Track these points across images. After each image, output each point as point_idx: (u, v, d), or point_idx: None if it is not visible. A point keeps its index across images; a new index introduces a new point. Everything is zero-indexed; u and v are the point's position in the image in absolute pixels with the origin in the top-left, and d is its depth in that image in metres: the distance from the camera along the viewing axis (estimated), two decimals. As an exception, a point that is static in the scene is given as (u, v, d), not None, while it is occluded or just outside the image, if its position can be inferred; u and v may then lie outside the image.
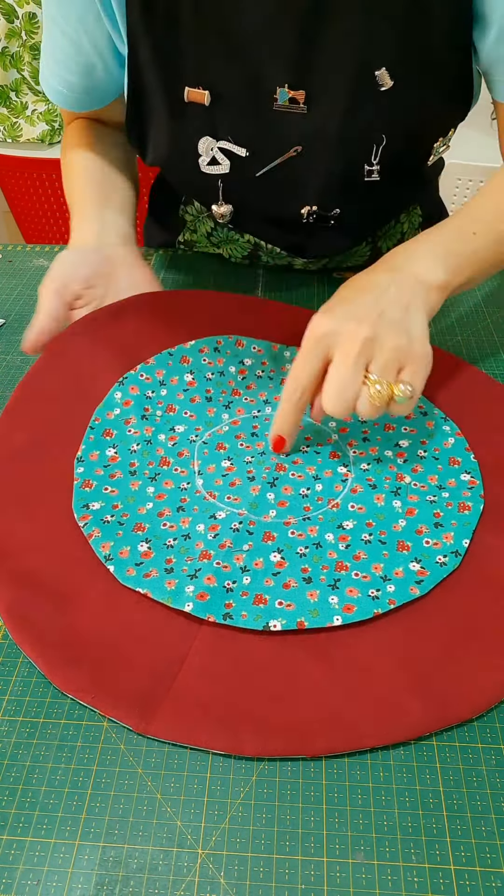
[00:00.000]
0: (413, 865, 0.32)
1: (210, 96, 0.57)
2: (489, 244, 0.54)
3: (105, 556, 0.44)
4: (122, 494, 0.48)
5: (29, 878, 0.32)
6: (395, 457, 0.51)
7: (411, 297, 0.48)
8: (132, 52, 0.57)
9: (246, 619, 0.40)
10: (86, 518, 0.46)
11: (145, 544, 0.45)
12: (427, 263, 0.51)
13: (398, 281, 0.49)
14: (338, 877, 0.32)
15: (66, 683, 0.38)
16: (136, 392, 0.54)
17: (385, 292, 0.48)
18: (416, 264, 0.50)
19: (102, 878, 0.32)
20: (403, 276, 0.49)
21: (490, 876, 0.32)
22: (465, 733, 0.37)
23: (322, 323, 0.47)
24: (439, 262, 0.51)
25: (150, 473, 0.50)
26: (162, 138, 0.62)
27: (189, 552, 0.44)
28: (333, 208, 0.65)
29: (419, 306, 0.48)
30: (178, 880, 0.32)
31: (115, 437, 0.52)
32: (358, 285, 0.50)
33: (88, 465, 0.49)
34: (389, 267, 0.51)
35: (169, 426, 0.53)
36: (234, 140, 0.60)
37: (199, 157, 0.61)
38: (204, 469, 0.50)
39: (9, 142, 1.63)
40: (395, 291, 0.48)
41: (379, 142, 0.59)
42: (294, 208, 0.65)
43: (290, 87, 0.56)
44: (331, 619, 0.40)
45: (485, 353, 0.63)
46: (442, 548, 0.44)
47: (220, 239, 0.74)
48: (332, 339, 0.46)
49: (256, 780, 0.35)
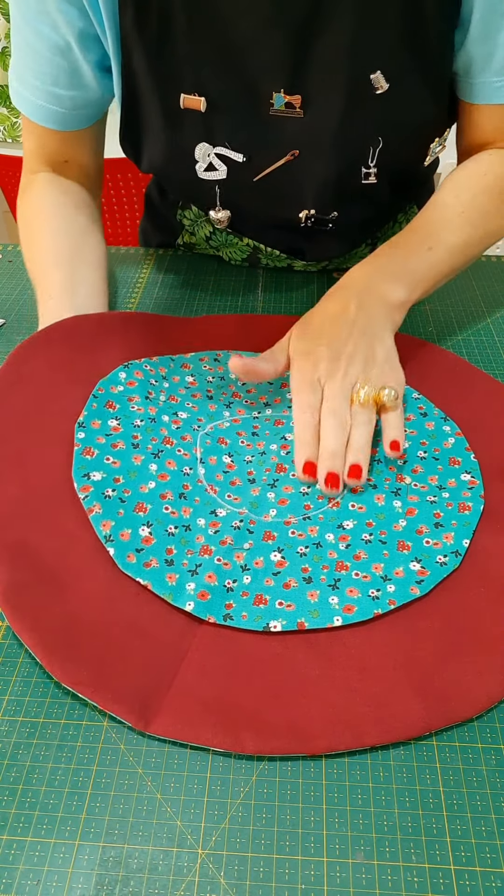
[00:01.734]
0: (413, 865, 0.32)
1: (206, 103, 0.57)
2: (444, 257, 0.58)
3: (105, 535, 0.43)
4: (125, 468, 0.48)
5: (29, 878, 0.32)
6: (396, 458, 0.51)
7: (378, 320, 0.53)
8: (126, 59, 0.57)
9: (246, 620, 0.40)
10: (87, 489, 0.45)
11: (146, 528, 0.44)
12: (388, 285, 0.55)
13: (365, 307, 0.53)
14: (338, 877, 0.32)
15: (66, 676, 0.38)
16: (141, 377, 0.54)
17: (355, 322, 0.53)
18: (379, 286, 0.55)
19: (102, 878, 0.32)
20: (369, 301, 0.54)
21: (490, 876, 0.32)
22: (465, 733, 0.37)
23: (307, 370, 0.51)
24: (399, 282, 0.55)
25: (154, 449, 0.49)
26: (157, 145, 0.61)
27: (189, 545, 0.44)
28: (331, 212, 0.65)
29: (386, 327, 0.53)
30: (178, 880, 0.32)
31: (118, 411, 0.51)
32: (329, 314, 0.54)
33: (90, 432, 0.49)
34: (355, 289, 0.55)
35: (172, 411, 0.53)
36: (231, 146, 0.60)
37: (196, 163, 0.61)
38: (206, 458, 0.50)
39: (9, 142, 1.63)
40: (364, 319, 0.53)
41: (375, 144, 0.59)
42: (292, 212, 0.65)
43: (286, 91, 0.56)
44: (331, 619, 0.40)
45: (485, 353, 0.63)
46: (442, 548, 0.44)
47: (220, 242, 0.74)
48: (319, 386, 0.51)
49: (256, 780, 0.35)
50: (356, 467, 0.47)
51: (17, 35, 0.57)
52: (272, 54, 0.54)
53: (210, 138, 0.59)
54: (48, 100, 0.60)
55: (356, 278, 0.56)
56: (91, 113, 0.63)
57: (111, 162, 1.08)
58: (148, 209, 0.87)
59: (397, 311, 0.55)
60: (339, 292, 0.55)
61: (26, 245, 0.63)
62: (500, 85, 0.56)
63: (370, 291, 0.54)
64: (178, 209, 0.75)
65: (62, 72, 0.58)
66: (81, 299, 0.59)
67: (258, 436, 0.53)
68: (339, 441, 0.48)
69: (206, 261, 0.77)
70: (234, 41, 0.54)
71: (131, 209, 1.39)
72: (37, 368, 0.52)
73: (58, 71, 0.58)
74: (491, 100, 0.57)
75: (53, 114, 0.61)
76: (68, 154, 0.66)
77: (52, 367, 0.53)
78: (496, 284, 0.72)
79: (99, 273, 0.63)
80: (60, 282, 0.59)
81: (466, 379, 0.58)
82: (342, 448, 0.48)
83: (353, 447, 0.48)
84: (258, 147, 0.60)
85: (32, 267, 0.62)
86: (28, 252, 0.63)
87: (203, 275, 0.75)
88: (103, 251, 0.65)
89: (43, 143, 0.65)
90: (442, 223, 0.59)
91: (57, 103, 0.60)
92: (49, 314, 0.57)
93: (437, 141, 0.62)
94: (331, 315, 0.54)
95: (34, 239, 0.63)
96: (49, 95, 0.59)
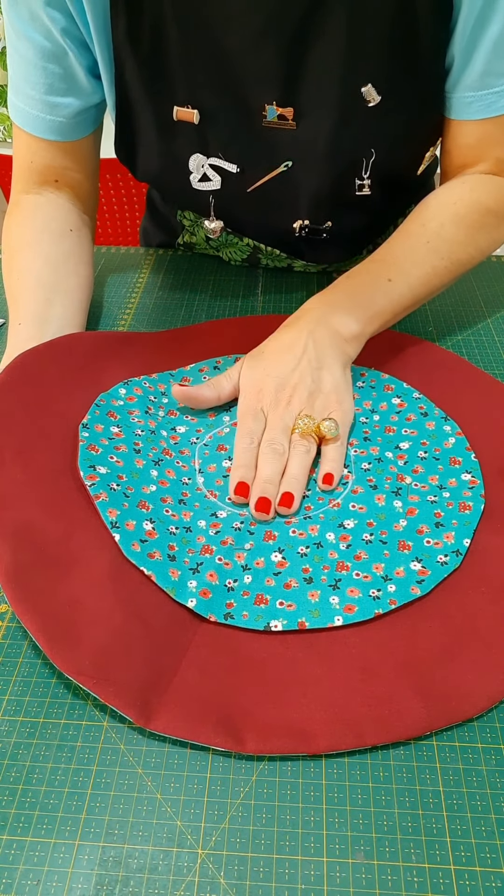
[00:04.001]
0: (413, 865, 0.32)
1: (199, 115, 0.57)
2: (402, 290, 0.57)
3: (112, 521, 0.43)
4: (128, 468, 0.48)
5: (29, 878, 0.32)
6: (396, 458, 0.51)
7: (328, 351, 0.53)
8: (118, 70, 0.57)
9: (247, 620, 0.40)
10: (93, 478, 0.46)
11: (149, 524, 0.45)
12: (341, 317, 0.55)
13: (316, 339, 0.53)
14: (338, 877, 0.32)
15: (68, 665, 0.37)
16: (140, 393, 0.54)
17: (304, 354, 0.53)
18: (332, 319, 0.55)
19: (102, 878, 0.32)
20: (320, 334, 0.54)
21: (490, 876, 0.32)
22: (465, 733, 0.37)
23: (252, 402, 0.52)
24: (353, 315, 0.55)
25: (154, 457, 0.50)
26: (152, 156, 0.61)
27: (190, 545, 0.44)
28: (325, 222, 0.65)
29: (337, 358, 0.53)
30: (178, 880, 0.32)
31: (119, 420, 0.52)
32: (280, 344, 0.54)
33: (93, 433, 0.49)
34: (308, 322, 0.55)
35: (171, 426, 0.54)
36: (225, 157, 0.60)
37: (190, 174, 0.61)
38: (205, 468, 0.51)
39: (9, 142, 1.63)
40: (313, 350, 0.53)
41: (368, 156, 0.59)
42: (286, 223, 0.65)
43: (278, 104, 0.56)
44: (332, 619, 0.40)
45: (485, 353, 0.63)
46: (443, 547, 0.44)
47: (220, 242, 0.74)
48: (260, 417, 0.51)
49: (256, 780, 0.35)
50: (288, 496, 0.47)
51: (11, 48, 0.57)
52: (264, 67, 0.54)
53: (204, 149, 0.59)
54: (44, 109, 0.59)
55: (310, 310, 0.56)
56: (87, 120, 0.62)
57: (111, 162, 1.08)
58: (149, 209, 0.87)
59: (349, 344, 0.55)
60: (293, 324, 0.55)
61: (6, 271, 0.62)
62: (472, 100, 0.55)
63: (323, 323, 0.54)
64: (178, 210, 0.75)
65: (56, 78, 0.57)
66: (52, 333, 0.57)
67: (258, 436, 0.53)
68: (275, 469, 0.48)
69: (206, 261, 0.77)
70: (227, 54, 0.54)
71: (131, 209, 1.39)
72: (43, 373, 0.53)
73: (52, 78, 0.57)
74: (462, 115, 0.57)
75: (49, 123, 0.60)
76: (60, 171, 0.64)
77: (57, 375, 0.53)
78: (496, 284, 0.72)
79: (77, 302, 0.61)
80: (33, 312, 0.58)
81: (467, 379, 0.58)
82: (277, 476, 0.48)
83: (288, 476, 0.48)
84: (251, 158, 0.60)
85: (9, 295, 0.61)
86: (7, 280, 0.61)
87: (203, 275, 0.75)
88: (87, 278, 0.64)
89: (35, 160, 0.63)
90: (406, 253, 0.58)
91: (53, 112, 0.59)
92: (17, 340, 0.56)
93: (431, 150, 0.62)
94: (281, 346, 0.54)
95: (13, 266, 0.61)
96: (45, 105, 0.59)
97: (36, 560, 0.41)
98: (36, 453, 0.47)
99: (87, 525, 0.44)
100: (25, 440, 0.48)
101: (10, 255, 0.62)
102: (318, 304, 0.56)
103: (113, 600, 0.40)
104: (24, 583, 0.40)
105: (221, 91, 0.56)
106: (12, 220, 0.64)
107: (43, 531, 0.43)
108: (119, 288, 0.73)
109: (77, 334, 0.57)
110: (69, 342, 0.56)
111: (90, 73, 0.58)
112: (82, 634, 0.38)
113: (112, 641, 0.38)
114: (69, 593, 0.40)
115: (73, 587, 0.40)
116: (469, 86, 0.55)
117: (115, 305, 0.70)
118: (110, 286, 0.73)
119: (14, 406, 0.50)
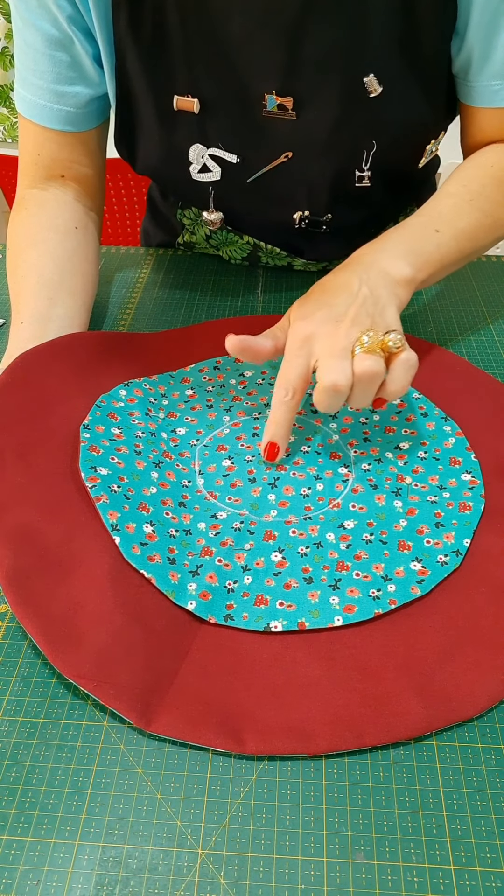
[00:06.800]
0: (413, 865, 0.32)
1: (199, 104, 0.57)
2: (450, 241, 0.56)
3: (112, 524, 0.43)
4: (128, 469, 0.48)
5: (29, 878, 0.32)
6: (396, 459, 0.51)
7: (382, 293, 0.50)
8: (119, 61, 0.57)
9: (247, 620, 0.40)
10: (94, 480, 0.46)
11: (150, 526, 0.44)
12: (393, 261, 0.52)
13: (368, 280, 0.51)
14: (338, 877, 0.32)
15: (68, 668, 0.37)
16: (140, 394, 0.54)
17: (357, 293, 0.50)
18: (384, 262, 0.52)
19: (102, 878, 0.32)
20: (372, 275, 0.51)
21: (490, 876, 0.32)
22: (465, 733, 0.37)
23: (303, 327, 0.48)
24: (405, 259, 0.53)
25: (155, 459, 0.50)
26: (152, 147, 0.61)
27: (190, 547, 0.44)
28: (325, 214, 0.65)
29: (391, 300, 0.50)
30: (178, 880, 0.32)
31: (120, 422, 0.52)
32: (330, 286, 0.51)
33: (94, 434, 0.49)
34: (358, 265, 0.52)
35: (171, 428, 0.54)
36: (225, 147, 0.59)
37: (190, 164, 0.61)
38: (205, 469, 0.51)
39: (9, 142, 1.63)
40: (367, 290, 0.50)
41: (369, 148, 0.59)
42: (286, 214, 0.65)
43: (277, 93, 0.56)
44: (332, 619, 0.40)
45: (485, 353, 0.63)
46: (443, 547, 0.44)
47: (220, 241, 0.74)
48: (314, 341, 0.48)
49: (256, 780, 0.35)
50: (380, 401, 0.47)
51: (18, 38, 0.57)
52: (264, 56, 0.54)
53: (204, 139, 0.59)
54: (52, 99, 0.59)
55: (360, 255, 0.54)
56: (95, 111, 0.62)
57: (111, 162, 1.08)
58: (150, 209, 0.87)
59: (402, 287, 0.52)
60: (342, 269, 0.53)
61: (11, 269, 0.61)
62: (499, 88, 0.56)
63: (374, 267, 0.52)
64: (179, 209, 0.75)
65: (64, 66, 0.58)
66: (53, 332, 0.57)
67: (258, 436, 0.53)
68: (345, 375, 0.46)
69: (206, 260, 0.77)
70: (227, 43, 0.54)
71: (131, 209, 1.39)
72: (44, 374, 0.53)
73: (59, 67, 0.58)
74: (490, 103, 0.57)
75: (57, 113, 0.60)
76: (66, 165, 0.64)
77: (58, 376, 0.53)
78: (496, 284, 0.72)
79: (80, 301, 0.60)
80: (36, 310, 0.57)
81: (466, 379, 0.58)
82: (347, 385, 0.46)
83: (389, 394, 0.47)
84: (251, 148, 0.60)
85: (13, 293, 0.60)
86: (11, 277, 0.61)
87: (203, 275, 0.75)
88: (91, 276, 0.63)
89: (42, 153, 0.63)
90: (451, 209, 0.57)
91: (61, 101, 0.59)
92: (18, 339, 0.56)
93: (433, 143, 0.62)
94: (332, 287, 0.51)
95: (18, 264, 0.61)
96: (53, 94, 0.59)
97: (36, 563, 0.41)
98: (36, 455, 0.47)
99: (88, 527, 0.44)
100: (26, 441, 0.48)
101: (14, 252, 0.62)
102: (369, 251, 0.54)
103: (113, 603, 0.40)
104: (25, 586, 0.40)
105: (222, 80, 0.56)
106: (17, 217, 0.64)
107: (43, 534, 0.43)
108: (119, 288, 0.73)
109: (78, 334, 0.57)
110: (70, 342, 0.56)
111: (96, 62, 0.58)
112: (83, 637, 0.38)
113: (112, 644, 0.38)
114: (70, 596, 0.40)
115: (73, 590, 0.40)
116: (496, 73, 0.55)
117: (115, 305, 0.70)
118: (111, 286, 0.73)
119: (14, 407, 0.50)
